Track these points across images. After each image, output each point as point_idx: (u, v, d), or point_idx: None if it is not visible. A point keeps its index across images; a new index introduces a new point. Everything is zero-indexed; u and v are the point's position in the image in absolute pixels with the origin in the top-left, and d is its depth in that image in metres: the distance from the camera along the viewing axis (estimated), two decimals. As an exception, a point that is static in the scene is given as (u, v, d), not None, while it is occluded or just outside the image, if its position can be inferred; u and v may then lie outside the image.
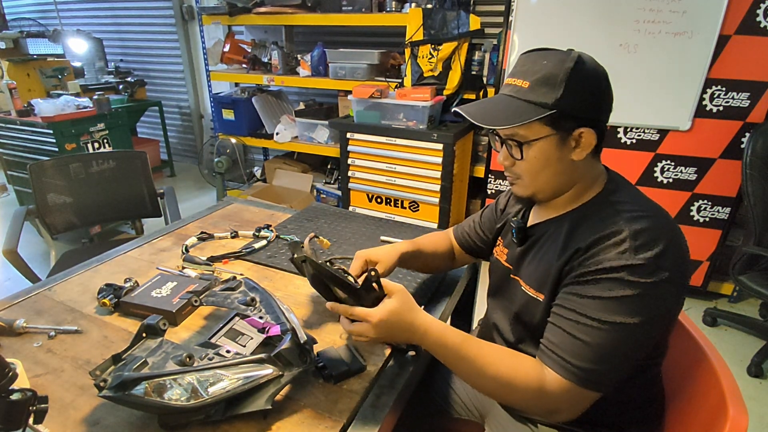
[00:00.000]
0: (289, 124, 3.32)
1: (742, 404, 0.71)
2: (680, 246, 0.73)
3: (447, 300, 1.10)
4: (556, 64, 0.74)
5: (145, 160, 2.02)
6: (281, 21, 3.07)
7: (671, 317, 0.76)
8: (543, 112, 0.74)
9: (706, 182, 2.27)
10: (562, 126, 0.75)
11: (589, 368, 0.70)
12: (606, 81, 0.77)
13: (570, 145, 0.77)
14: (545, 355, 0.75)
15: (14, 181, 3.12)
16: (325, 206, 1.68)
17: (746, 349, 2.13)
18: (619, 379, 0.73)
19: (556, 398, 0.72)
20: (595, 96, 0.76)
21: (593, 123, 0.76)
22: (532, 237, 0.87)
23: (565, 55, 0.75)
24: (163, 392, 0.68)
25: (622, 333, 0.69)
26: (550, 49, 0.79)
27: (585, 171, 0.81)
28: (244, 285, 0.99)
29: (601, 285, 0.71)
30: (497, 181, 2.71)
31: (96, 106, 2.89)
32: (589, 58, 0.77)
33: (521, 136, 0.78)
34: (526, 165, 0.80)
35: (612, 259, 0.70)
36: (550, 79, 0.74)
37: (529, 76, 0.76)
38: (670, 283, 0.69)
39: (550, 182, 0.81)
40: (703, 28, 2.04)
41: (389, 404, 0.78)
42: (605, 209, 0.77)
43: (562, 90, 0.73)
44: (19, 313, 1.00)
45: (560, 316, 0.75)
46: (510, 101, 0.78)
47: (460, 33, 2.54)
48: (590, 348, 0.70)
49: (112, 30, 4.58)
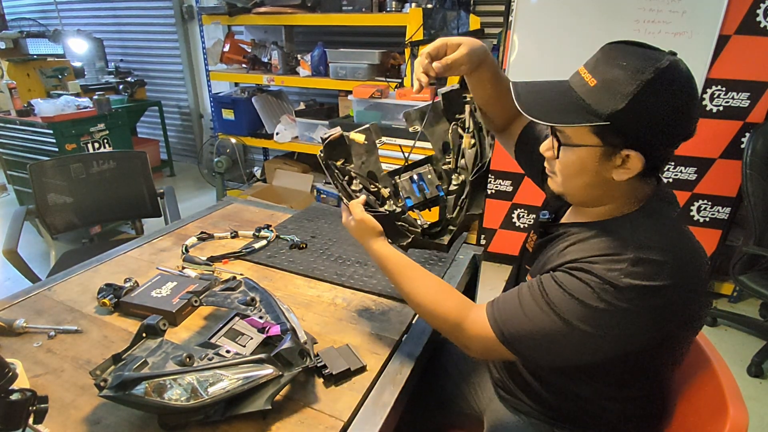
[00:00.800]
0: (290, 124, 3.32)
1: (742, 404, 0.70)
2: (681, 292, 0.67)
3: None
4: (633, 72, 0.63)
5: (145, 160, 2.02)
6: (281, 21, 3.07)
7: (635, 345, 0.70)
8: (594, 120, 0.66)
9: (706, 182, 2.27)
10: (611, 141, 0.67)
11: (513, 334, 0.73)
12: (686, 107, 0.65)
13: (614, 162, 0.69)
14: (490, 303, 0.79)
15: (14, 181, 3.12)
16: (325, 206, 1.68)
17: (746, 349, 2.13)
18: (537, 359, 0.76)
19: (470, 337, 0.78)
20: (660, 121, 0.65)
21: (647, 149, 0.67)
22: (554, 233, 0.84)
23: (650, 62, 0.63)
24: (163, 392, 0.68)
25: (564, 331, 0.69)
26: (643, 45, 0.67)
27: (626, 191, 0.73)
28: (244, 285, 0.99)
29: (576, 282, 0.69)
30: (497, 180, 2.71)
31: (96, 107, 2.89)
32: (678, 73, 0.64)
33: (565, 135, 0.72)
34: (560, 165, 0.75)
35: (599, 268, 0.68)
36: (618, 86, 0.64)
37: (599, 73, 0.67)
38: (642, 319, 0.67)
39: (582, 192, 0.76)
40: (703, 28, 2.04)
41: (390, 403, 0.78)
42: (623, 231, 0.71)
43: (625, 104, 0.63)
44: (19, 313, 1.00)
45: (527, 286, 0.75)
46: (568, 94, 0.69)
47: (460, 33, 2.54)
48: (527, 323, 0.72)
49: (112, 30, 4.58)
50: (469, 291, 1.35)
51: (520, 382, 0.91)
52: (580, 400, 0.83)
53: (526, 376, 0.88)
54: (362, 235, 0.89)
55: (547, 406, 0.88)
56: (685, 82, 0.64)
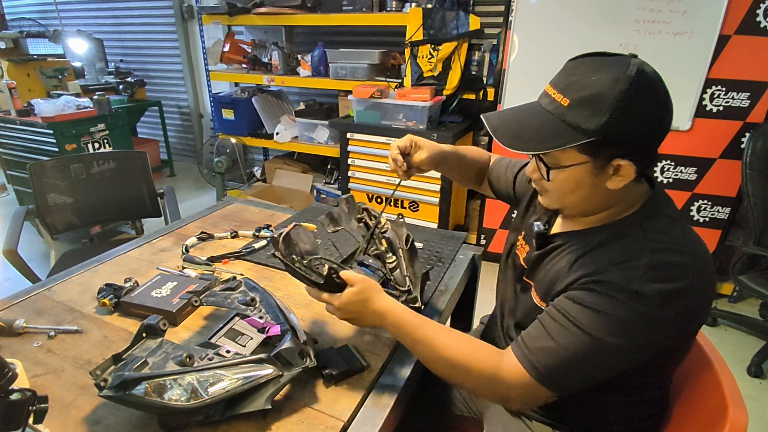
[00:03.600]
0: (289, 124, 3.32)
1: (742, 404, 0.70)
2: (702, 292, 0.67)
3: (447, 300, 1.10)
4: (608, 84, 0.63)
5: (145, 160, 2.02)
6: (281, 21, 3.07)
7: (659, 350, 0.70)
8: (581, 138, 0.65)
9: (706, 182, 2.27)
10: (601, 153, 0.67)
11: (549, 366, 0.69)
12: (665, 105, 0.66)
13: (607, 173, 0.69)
14: (516, 343, 0.74)
15: (14, 181, 3.12)
16: (325, 206, 1.68)
17: (746, 349, 2.13)
18: (580, 386, 0.70)
19: (509, 386, 0.71)
20: (650, 126, 0.66)
21: (636, 154, 0.67)
22: (552, 244, 0.82)
23: (621, 70, 0.63)
24: (163, 392, 0.68)
25: (597, 348, 0.67)
26: (607, 55, 0.68)
27: (624, 196, 0.73)
28: (244, 285, 0.99)
29: (597, 296, 0.67)
30: (497, 181, 2.71)
31: (96, 107, 2.89)
32: (650, 77, 0.65)
33: (552, 157, 0.71)
34: (553, 186, 0.74)
35: (618, 276, 0.66)
36: (597, 101, 0.63)
37: (571, 92, 0.66)
38: (669, 324, 0.66)
39: (579, 205, 0.75)
40: (703, 28, 2.04)
41: (390, 404, 0.78)
42: (633, 235, 0.70)
43: (608, 116, 0.63)
44: (19, 313, 1.00)
45: (547, 314, 0.73)
46: (544, 118, 0.69)
47: (459, 33, 2.54)
48: (559, 349, 0.68)
49: (112, 30, 4.58)
50: (469, 291, 1.35)
51: None
52: (582, 401, 0.82)
53: None
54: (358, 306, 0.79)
55: (547, 408, 0.87)
56: (656, 82, 0.65)
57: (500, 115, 0.75)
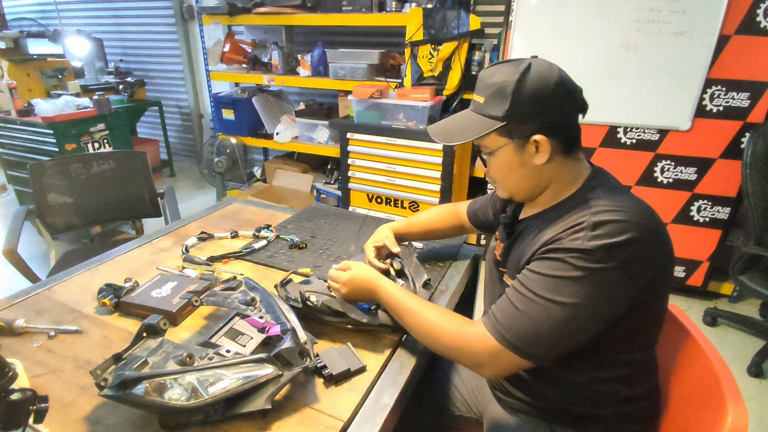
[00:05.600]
0: (289, 124, 3.32)
1: (742, 404, 0.71)
2: (645, 243, 0.72)
3: (447, 300, 1.10)
4: (507, 77, 0.79)
5: (145, 160, 2.02)
6: (281, 21, 3.07)
7: (621, 310, 0.75)
8: (495, 124, 0.80)
9: (706, 182, 2.27)
10: (516, 134, 0.81)
11: (513, 331, 0.75)
12: (556, 85, 0.78)
13: (530, 151, 0.81)
14: (485, 314, 0.82)
15: (14, 181, 3.12)
16: (325, 206, 1.68)
17: (746, 349, 2.13)
18: (549, 353, 0.75)
19: (479, 352, 0.78)
20: (543, 103, 0.78)
21: (547, 129, 0.79)
22: (516, 231, 0.93)
23: (515, 66, 0.79)
24: (163, 392, 0.68)
25: (558, 311, 0.73)
26: (508, 60, 0.83)
27: (558, 172, 0.84)
28: (244, 285, 0.99)
29: (550, 263, 0.75)
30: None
31: (96, 107, 2.89)
32: (539, 66, 0.79)
33: (484, 146, 0.86)
34: (493, 171, 0.88)
35: (566, 242, 0.74)
36: (501, 91, 0.79)
37: (484, 91, 0.82)
38: (617, 275, 0.71)
39: (520, 185, 0.87)
40: (703, 28, 2.04)
41: (390, 404, 0.78)
42: (579, 205, 0.79)
43: (510, 101, 0.78)
44: (19, 313, 1.00)
45: (512, 287, 0.80)
46: (470, 116, 0.86)
47: (460, 33, 2.54)
48: (522, 316, 0.75)
49: (112, 30, 4.58)
50: (469, 291, 1.35)
51: (514, 379, 0.92)
52: (575, 386, 0.84)
53: (521, 373, 0.89)
54: (359, 280, 0.95)
55: (543, 399, 0.89)
56: (547, 68, 0.79)
57: (443, 121, 0.92)
